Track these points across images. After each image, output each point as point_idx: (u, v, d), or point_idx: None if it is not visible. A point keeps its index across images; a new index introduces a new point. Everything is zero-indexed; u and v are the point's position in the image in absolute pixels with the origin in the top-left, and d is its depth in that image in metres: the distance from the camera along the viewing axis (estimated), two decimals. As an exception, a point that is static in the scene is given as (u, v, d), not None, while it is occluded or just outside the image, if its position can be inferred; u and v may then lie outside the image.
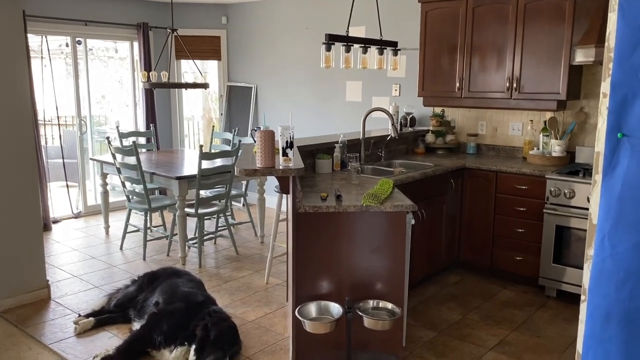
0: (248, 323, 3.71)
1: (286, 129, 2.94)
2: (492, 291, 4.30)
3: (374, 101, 5.77)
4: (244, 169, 2.93)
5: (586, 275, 1.44)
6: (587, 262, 1.45)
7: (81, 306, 3.97)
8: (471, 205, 4.52)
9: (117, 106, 7.85)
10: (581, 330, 1.46)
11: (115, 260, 5.03)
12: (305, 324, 2.88)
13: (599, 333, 1.40)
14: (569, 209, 3.95)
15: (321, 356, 3.13)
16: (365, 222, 3.04)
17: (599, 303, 1.40)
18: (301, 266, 3.04)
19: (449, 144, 5.10)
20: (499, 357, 3.28)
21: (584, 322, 1.44)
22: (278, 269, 4.71)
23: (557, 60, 4.20)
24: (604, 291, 1.38)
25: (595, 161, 1.41)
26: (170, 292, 3.52)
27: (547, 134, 4.56)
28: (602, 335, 1.40)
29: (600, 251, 1.38)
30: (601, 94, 1.38)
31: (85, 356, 3.24)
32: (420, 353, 3.33)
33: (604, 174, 1.37)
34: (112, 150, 5.01)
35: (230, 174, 4.93)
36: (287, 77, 6.62)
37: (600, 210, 1.38)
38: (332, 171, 3.95)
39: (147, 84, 5.29)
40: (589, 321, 1.42)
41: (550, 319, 3.81)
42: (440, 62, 4.86)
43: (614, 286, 1.37)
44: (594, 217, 1.41)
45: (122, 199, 6.65)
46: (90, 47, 6.81)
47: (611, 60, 1.32)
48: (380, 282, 3.10)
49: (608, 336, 1.39)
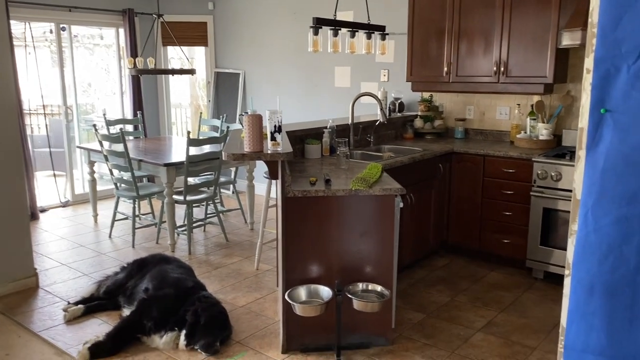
0: (238, 308, 3.72)
1: (274, 113, 2.93)
2: (480, 274, 4.34)
3: (363, 86, 5.76)
4: (231, 153, 2.93)
5: (570, 250, 1.46)
6: (570, 237, 1.47)
7: (70, 294, 3.95)
8: (459, 189, 4.55)
9: (104, 94, 7.78)
10: (565, 304, 1.48)
11: (104, 248, 5.01)
12: (295, 307, 2.90)
13: (583, 306, 1.42)
14: (555, 191, 3.99)
15: (311, 339, 3.16)
16: (354, 206, 3.06)
17: (583, 277, 1.42)
18: (290, 250, 3.05)
19: (437, 129, 5.11)
20: (487, 338, 3.32)
21: (568, 296, 1.47)
22: (268, 255, 4.72)
23: (543, 44, 4.22)
24: (587, 265, 1.40)
25: (579, 137, 1.43)
26: (159, 278, 3.51)
27: (534, 117, 4.58)
28: (585, 308, 1.42)
29: (583, 226, 1.40)
30: (585, 70, 1.39)
31: (75, 343, 3.24)
32: (409, 335, 3.36)
33: (588, 149, 1.39)
34: (99, 138, 4.97)
35: (219, 161, 4.91)
36: (275, 64, 6.58)
37: (583, 186, 1.40)
38: (321, 156, 3.96)
39: (133, 70, 5.24)
40: (573, 295, 1.45)
41: (537, 300, 3.86)
42: (428, 47, 4.86)
43: (597, 260, 1.39)
44: (577, 193, 1.43)
45: (110, 187, 6.60)
46: (75, 34, 6.72)
47: (594, 35, 1.33)
48: (369, 265, 3.12)
49: (591, 309, 1.41)
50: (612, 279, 1.38)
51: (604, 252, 1.38)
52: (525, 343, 3.26)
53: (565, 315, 1.47)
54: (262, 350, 3.17)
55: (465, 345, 3.24)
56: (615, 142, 1.33)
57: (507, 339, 3.31)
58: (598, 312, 1.40)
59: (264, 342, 3.27)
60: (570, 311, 1.46)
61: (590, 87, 1.36)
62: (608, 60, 1.32)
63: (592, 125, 1.37)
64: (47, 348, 3.22)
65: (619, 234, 1.36)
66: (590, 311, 1.41)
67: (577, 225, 1.43)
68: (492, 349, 3.19)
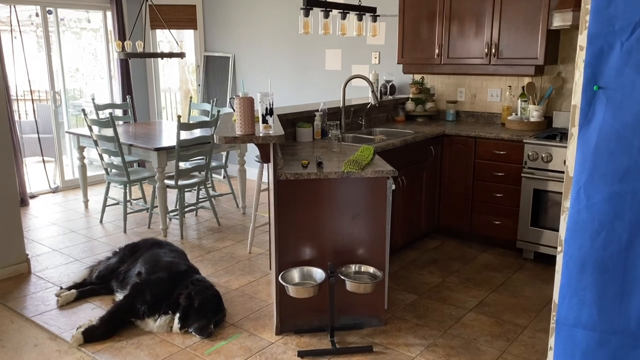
0: (232, 291, 3.73)
1: (265, 95, 2.92)
2: (471, 255, 4.38)
3: (354, 69, 5.74)
4: (223, 136, 2.91)
5: (562, 226, 1.48)
6: (563, 214, 1.48)
7: (62, 279, 3.94)
8: (450, 172, 4.56)
9: (92, 79, 7.68)
10: (557, 280, 1.50)
11: (95, 233, 4.99)
12: (288, 289, 2.91)
13: (575, 282, 1.44)
14: (546, 172, 4.02)
15: (304, 320, 3.18)
16: (346, 189, 3.06)
17: (575, 253, 1.43)
18: (283, 233, 3.06)
19: (429, 112, 5.12)
20: (479, 318, 3.36)
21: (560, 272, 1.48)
22: (260, 239, 4.72)
23: (535, 25, 4.21)
24: (579, 242, 1.42)
25: (572, 114, 1.43)
26: (152, 262, 3.51)
27: (525, 99, 4.60)
28: (577, 284, 1.44)
29: (576, 203, 1.42)
30: (578, 47, 1.39)
31: (68, 327, 3.24)
32: (402, 315, 3.39)
33: (580, 126, 1.40)
34: (89, 123, 4.92)
35: (210, 145, 4.89)
36: (265, 47, 6.53)
37: (576, 163, 1.41)
38: (312, 140, 3.95)
39: (122, 54, 5.17)
40: (565, 271, 1.46)
41: (527, 280, 3.90)
42: (419, 29, 4.84)
43: (588, 236, 1.41)
44: (570, 170, 1.44)
45: (100, 173, 6.57)
46: (61, 17, 6.61)
47: (588, 12, 1.33)
48: (362, 247, 3.14)
49: (583, 285, 1.43)
50: (603, 255, 1.39)
51: (596, 228, 1.39)
52: (516, 322, 3.30)
53: (557, 291, 1.50)
54: (256, 332, 3.19)
55: (457, 324, 3.28)
56: (608, 119, 1.34)
57: (498, 318, 3.35)
58: (589, 287, 1.42)
59: (258, 324, 3.28)
60: (562, 287, 1.48)
61: (583, 65, 1.37)
62: (601, 37, 1.32)
63: (585, 102, 1.37)
64: (41, 333, 3.22)
65: (611, 210, 1.37)
66: (582, 287, 1.43)
67: (570, 203, 1.44)
68: (483, 328, 3.23)
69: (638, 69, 1.29)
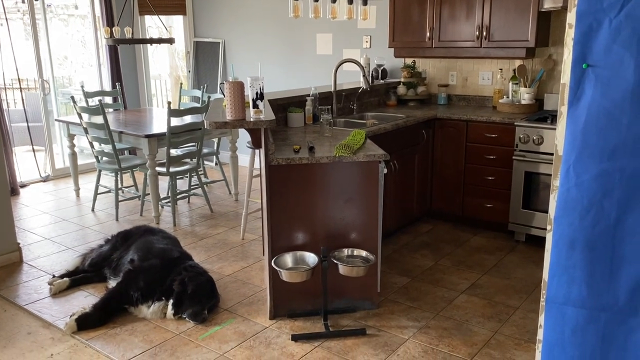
0: (225, 277, 3.74)
1: (255, 79, 2.90)
2: (463, 238, 4.41)
3: (345, 53, 5.71)
4: (213, 121, 2.90)
5: (552, 205, 1.49)
6: (553, 193, 1.49)
7: (55, 267, 3.93)
8: (442, 155, 4.57)
9: (81, 66, 7.60)
10: (547, 258, 1.51)
11: (87, 221, 4.97)
12: (281, 273, 2.92)
13: (564, 260, 1.45)
14: (537, 155, 4.03)
15: (298, 305, 3.19)
16: (338, 173, 3.06)
17: (564, 231, 1.44)
18: (276, 218, 3.06)
19: (420, 96, 5.11)
20: (471, 299, 3.39)
21: (550, 250, 1.49)
22: (253, 225, 4.72)
23: (525, 7, 4.20)
24: (568, 220, 1.43)
25: (561, 93, 1.43)
26: (145, 249, 3.51)
27: (516, 82, 4.60)
28: (566, 262, 1.45)
29: (565, 181, 1.42)
30: (567, 25, 1.38)
31: (62, 315, 3.24)
32: (395, 298, 3.41)
33: (569, 105, 1.40)
34: (78, 110, 4.87)
35: (201, 131, 4.86)
36: (256, 32, 6.47)
37: (565, 142, 1.41)
38: (304, 125, 3.93)
39: (110, 40, 5.11)
40: (555, 249, 1.47)
41: (519, 262, 3.94)
42: (410, 11, 4.81)
43: (578, 214, 1.42)
44: (560, 149, 1.44)
45: (91, 161, 6.53)
46: (48, 4, 6.52)
47: (577, -11, 1.33)
48: (354, 231, 3.14)
49: (572, 263, 1.44)
50: (592, 233, 1.40)
51: (585, 206, 1.40)
52: (508, 303, 3.34)
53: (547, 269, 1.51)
54: (250, 317, 3.20)
55: (449, 306, 3.30)
56: (597, 96, 1.34)
57: (490, 300, 3.38)
58: (579, 265, 1.43)
59: (252, 309, 3.29)
60: (551, 265, 1.49)
61: (572, 43, 1.36)
62: (590, 14, 1.31)
63: (574, 80, 1.37)
64: (34, 321, 3.22)
65: (600, 188, 1.38)
66: (572, 264, 1.44)
67: (559, 181, 1.45)
68: (475, 309, 3.26)
69: (627, 46, 1.29)
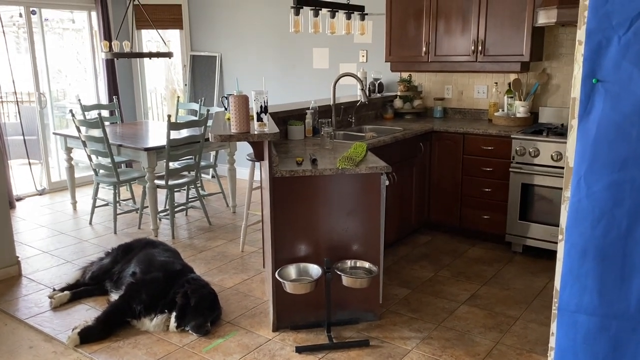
0: (226, 289, 3.74)
1: (260, 93, 2.94)
2: (462, 249, 4.45)
3: (342, 67, 5.77)
4: (219, 134, 2.93)
5: (563, 215, 1.53)
6: (564, 204, 1.53)
7: (54, 281, 3.92)
8: (440, 168, 4.62)
9: (76, 80, 7.61)
10: (559, 267, 1.55)
11: (85, 235, 4.96)
12: (285, 285, 2.94)
13: (576, 269, 1.50)
14: (533, 167, 4.10)
15: (301, 316, 3.21)
16: (341, 185, 3.09)
17: (576, 241, 1.49)
18: (279, 230, 3.08)
19: (417, 109, 5.17)
20: (472, 310, 3.42)
21: (562, 260, 1.53)
22: (253, 237, 4.74)
23: (520, 22, 4.29)
24: (580, 229, 1.47)
25: (571, 107, 1.48)
26: (147, 262, 3.51)
27: (511, 95, 4.67)
28: (578, 271, 1.49)
29: (576, 192, 1.47)
30: (577, 42, 1.44)
31: (63, 329, 3.23)
32: (396, 309, 3.44)
33: (580, 118, 1.45)
34: (77, 123, 4.88)
35: (200, 144, 4.89)
36: (252, 46, 6.53)
37: (576, 154, 1.46)
38: (304, 137, 3.97)
39: (109, 54, 5.14)
40: (567, 258, 1.52)
41: (517, 273, 3.98)
42: (406, 26, 4.89)
43: (589, 224, 1.46)
44: (570, 161, 1.49)
45: (87, 174, 6.53)
46: (45, 18, 6.54)
47: (586, 8, 1.38)
48: (357, 243, 3.17)
49: (584, 272, 1.49)
50: (604, 242, 1.45)
51: (597, 216, 1.45)
52: (508, 313, 3.37)
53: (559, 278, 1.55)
54: (253, 329, 3.21)
55: (451, 317, 3.33)
56: (607, 110, 1.40)
57: (490, 311, 3.41)
58: (590, 273, 1.48)
59: (254, 321, 3.30)
60: (564, 274, 1.53)
61: (582, 59, 1.42)
62: (599, 32, 1.37)
63: (584, 95, 1.43)
64: (35, 335, 3.21)
65: (611, 198, 1.43)
66: (583, 273, 1.48)
67: (570, 192, 1.49)
68: (477, 320, 3.29)
69: (635, 62, 1.35)
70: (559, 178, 3.97)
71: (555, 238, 4.07)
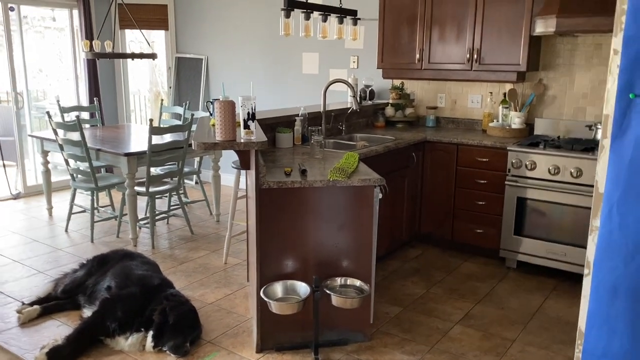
0: (208, 305, 3.54)
1: (247, 99, 2.76)
2: (454, 264, 4.29)
3: (332, 73, 5.61)
4: (202, 142, 2.74)
5: (591, 248, 1.36)
6: (592, 234, 1.37)
7: (24, 293, 3.68)
8: (432, 179, 4.47)
9: (57, 80, 7.35)
10: (584, 306, 1.38)
11: (60, 243, 4.71)
12: (271, 305, 2.75)
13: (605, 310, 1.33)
14: (530, 180, 3.96)
15: (287, 337, 3.02)
16: (332, 198, 2.92)
17: (605, 277, 1.32)
18: (265, 244, 2.89)
19: (409, 117, 5.02)
20: (466, 331, 3.26)
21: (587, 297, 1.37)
22: (237, 249, 4.54)
23: (517, 31, 4.16)
24: (610, 264, 1.31)
25: (604, 125, 1.32)
26: (123, 275, 3.29)
27: (506, 106, 4.54)
28: (608, 311, 1.33)
29: (607, 222, 1.30)
30: (612, 51, 1.27)
31: (31, 347, 3.00)
32: (387, 329, 3.26)
33: (614, 138, 1.28)
34: (54, 126, 4.65)
35: (183, 150, 4.68)
36: (239, 49, 6.34)
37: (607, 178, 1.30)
38: (292, 145, 3.80)
39: (90, 54, 4.92)
40: (594, 296, 1.35)
41: (512, 290, 3.83)
42: (399, 33, 4.74)
43: (622, 259, 1.29)
44: (600, 186, 1.32)
45: (65, 178, 6.27)
46: (24, 15, 6.30)
47: (624, 12, 1.21)
48: (347, 259, 3.00)
49: (614, 313, 1.32)
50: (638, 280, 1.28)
51: (631, 251, 1.28)
52: (504, 335, 3.21)
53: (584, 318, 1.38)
54: (235, 350, 3.01)
55: (444, 339, 3.16)
56: (647, 130, 1.24)
57: (485, 332, 3.25)
58: (622, 315, 1.31)
59: (237, 341, 3.10)
60: (590, 314, 1.36)
61: (617, 70, 1.25)
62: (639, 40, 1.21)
63: (619, 111, 1.26)
64: (0, 354, 2.97)
65: (648, 231, 1.27)
66: (614, 314, 1.32)
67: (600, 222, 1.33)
68: (472, 342, 3.13)
69: (680, 76, 1.19)
70: (556, 192, 3.84)
71: (551, 255, 3.93)
